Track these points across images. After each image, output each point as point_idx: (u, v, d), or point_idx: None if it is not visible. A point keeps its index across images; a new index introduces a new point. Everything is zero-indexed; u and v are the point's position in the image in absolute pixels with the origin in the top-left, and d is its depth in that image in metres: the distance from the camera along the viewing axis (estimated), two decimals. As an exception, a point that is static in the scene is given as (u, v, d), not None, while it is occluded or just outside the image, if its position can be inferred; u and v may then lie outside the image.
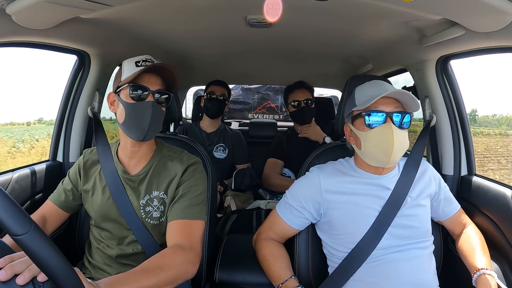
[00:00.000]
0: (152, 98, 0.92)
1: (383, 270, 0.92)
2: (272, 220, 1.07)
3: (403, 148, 0.94)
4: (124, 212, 0.95)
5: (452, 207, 1.07)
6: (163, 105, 0.97)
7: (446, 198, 1.06)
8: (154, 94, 0.92)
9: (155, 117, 0.92)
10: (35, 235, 0.49)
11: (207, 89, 2.01)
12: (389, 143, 0.91)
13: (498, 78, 10.12)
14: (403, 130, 0.94)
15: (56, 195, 1.04)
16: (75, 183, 1.04)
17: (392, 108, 0.94)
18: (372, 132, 0.94)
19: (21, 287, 0.52)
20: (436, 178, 1.05)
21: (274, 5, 1.00)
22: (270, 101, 3.91)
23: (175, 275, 0.79)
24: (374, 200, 0.97)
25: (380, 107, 0.94)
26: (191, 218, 0.92)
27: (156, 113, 0.93)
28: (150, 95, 0.92)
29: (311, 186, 1.02)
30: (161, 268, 0.77)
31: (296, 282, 0.97)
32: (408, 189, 0.98)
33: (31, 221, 0.50)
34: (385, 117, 0.93)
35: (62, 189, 1.04)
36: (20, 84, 5.88)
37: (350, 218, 0.96)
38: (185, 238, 0.87)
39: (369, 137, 0.95)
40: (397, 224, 0.94)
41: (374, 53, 1.59)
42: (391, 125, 0.92)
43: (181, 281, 0.82)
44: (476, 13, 0.85)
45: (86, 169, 1.04)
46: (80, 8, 0.94)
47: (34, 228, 0.49)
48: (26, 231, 0.48)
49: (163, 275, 0.76)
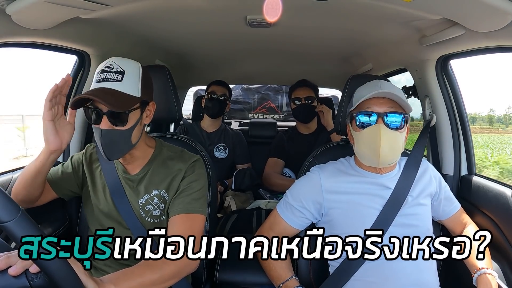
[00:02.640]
0: (105, 121, 0.85)
1: (383, 269, 0.91)
2: (272, 220, 1.07)
3: (394, 149, 0.94)
4: (123, 212, 0.96)
5: (452, 207, 1.07)
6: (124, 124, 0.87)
7: (447, 198, 1.06)
8: (108, 115, 0.85)
9: (109, 144, 0.87)
10: (22, 221, 0.48)
11: (208, 89, 2.01)
12: (376, 144, 0.91)
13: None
14: (396, 130, 0.93)
15: (51, 171, 1.00)
16: (76, 168, 1.02)
17: (385, 108, 0.94)
18: (362, 132, 0.95)
19: (14, 278, 0.52)
20: (437, 177, 1.05)
21: (274, 5, 1.00)
22: (270, 101, 3.91)
23: (179, 268, 0.81)
24: (374, 199, 0.97)
25: (373, 108, 0.94)
26: (193, 212, 0.92)
27: (110, 139, 0.87)
28: (104, 117, 0.85)
29: (311, 186, 1.02)
30: (164, 261, 0.77)
31: (296, 282, 0.97)
32: (409, 188, 0.98)
33: (18, 207, 0.49)
34: (376, 117, 0.93)
35: (61, 170, 1.02)
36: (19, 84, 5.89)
37: (351, 217, 0.96)
38: (187, 232, 0.88)
39: (360, 138, 0.96)
40: (398, 223, 0.94)
41: (374, 53, 1.59)
42: (380, 126, 0.92)
43: (184, 275, 0.84)
44: (476, 13, 0.85)
45: (88, 164, 1.03)
46: (80, 8, 0.94)
47: (21, 215, 0.49)
48: (13, 217, 0.48)
49: (167, 269, 0.77)
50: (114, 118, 0.86)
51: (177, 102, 1.18)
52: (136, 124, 0.91)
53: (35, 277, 0.52)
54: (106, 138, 0.86)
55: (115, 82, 0.86)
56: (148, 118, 0.97)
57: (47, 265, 0.50)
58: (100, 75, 0.87)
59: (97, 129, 0.87)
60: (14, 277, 0.52)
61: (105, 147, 0.87)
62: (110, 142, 0.87)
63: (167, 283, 0.80)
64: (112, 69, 0.87)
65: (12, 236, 0.48)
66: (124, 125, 0.88)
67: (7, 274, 0.52)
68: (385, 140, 0.91)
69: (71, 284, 0.53)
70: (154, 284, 0.75)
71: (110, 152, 0.88)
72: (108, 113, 0.85)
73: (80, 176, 1.03)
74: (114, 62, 0.89)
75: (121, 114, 0.86)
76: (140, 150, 0.98)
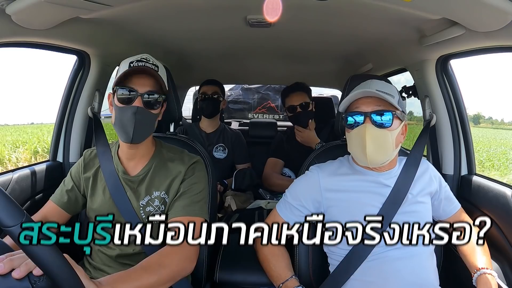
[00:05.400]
0: (139, 101, 0.91)
1: (382, 269, 0.91)
2: (272, 219, 1.07)
3: (382, 148, 0.93)
4: (124, 212, 0.95)
5: (452, 206, 1.07)
6: (154, 107, 0.95)
7: (447, 197, 1.06)
8: (142, 96, 0.91)
9: (140, 122, 0.91)
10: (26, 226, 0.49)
11: (199, 90, 2.01)
12: (362, 144, 0.92)
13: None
14: (384, 129, 0.93)
15: (58, 196, 1.03)
16: (77, 183, 1.03)
17: (372, 107, 0.93)
18: (351, 133, 0.97)
19: (17, 281, 0.52)
20: (437, 177, 1.05)
21: (273, 5, 1.00)
22: (270, 101, 3.92)
23: (174, 272, 0.82)
24: (374, 197, 0.97)
25: (361, 107, 0.94)
26: (192, 215, 0.92)
27: (142, 118, 0.91)
28: (138, 98, 0.91)
29: (310, 185, 1.02)
30: (160, 265, 0.79)
31: (296, 282, 0.97)
32: (409, 186, 0.98)
33: (23, 212, 0.49)
34: (363, 117, 0.93)
35: (64, 190, 1.03)
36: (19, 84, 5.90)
37: (350, 215, 0.95)
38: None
39: (350, 138, 0.98)
40: (397, 221, 0.93)
41: (374, 52, 1.59)
42: (366, 125, 0.92)
43: (179, 278, 0.85)
44: (476, 12, 0.85)
45: (87, 169, 1.03)
46: (80, 8, 0.94)
47: (25, 220, 0.49)
48: (18, 222, 0.48)
49: (164, 272, 0.78)
50: (147, 101, 0.92)
51: (177, 102, 1.18)
52: (159, 113, 0.98)
53: (38, 280, 0.52)
54: (139, 115, 0.90)
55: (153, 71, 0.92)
56: (161, 115, 1.01)
57: (50, 268, 0.50)
58: (138, 63, 0.92)
59: (127, 108, 0.91)
60: (17, 280, 0.52)
61: (136, 125, 0.90)
62: (141, 121, 0.91)
63: (163, 286, 0.80)
64: (149, 61, 0.94)
65: (17, 241, 0.48)
66: (154, 109, 0.95)
67: (10, 277, 0.52)
68: (371, 140, 0.91)
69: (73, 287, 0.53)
70: (151, 286, 0.76)
71: (138, 132, 0.91)
72: (143, 94, 0.91)
73: (82, 187, 1.03)
74: (149, 56, 0.95)
75: (155, 97, 0.93)
76: (146, 146, 1.00)
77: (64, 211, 1.02)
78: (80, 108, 1.42)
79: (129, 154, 0.99)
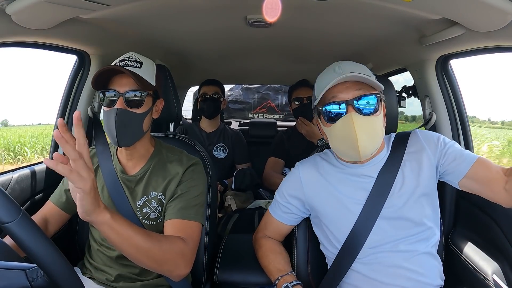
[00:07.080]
0: (121, 101, 0.88)
1: (377, 268, 0.88)
2: (266, 219, 1.08)
3: (373, 137, 0.83)
4: (123, 212, 0.95)
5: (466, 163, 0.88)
6: (139, 106, 0.90)
7: (456, 156, 0.89)
8: (124, 96, 0.88)
9: (122, 124, 0.88)
10: (23, 222, 0.49)
11: (199, 90, 2.01)
12: (352, 137, 0.80)
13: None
14: (371, 115, 0.82)
15: (57, 196, 1.03)
16: None
17: (353, 93, 0.82)
18: (334, 127, 0.84)
19: (15, 278, 0.52)
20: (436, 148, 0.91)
21: (273, 5, 1.00)
22: (270, 100, 3.91)
23: (167, 259, 0.79)
24: (357, 192, 0.90)
25: (339, 96, 0.83)
26: (187, 219, 0.91)
27: (124, 119, 0.88)
28: (120, 98, 0.88)
29: (293, 182, 1.01)
30: (160, 241, 0.78)
31: (295, 278, 0.96)
32: (394, 176, 0.88)
33: (19, 208, 0.50)
34: (345, 106, 0.82)
35: (63, 190, 1.03)
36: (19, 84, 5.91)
37: (335, 211, 0.92)
38: (183, 235, 0.88)
39: (333, 133, 0.86)
40: (385, 216, 0.87)
41: (374, 52, 1.59)
42: (351, 115, 0.81)
43: (167, 269, 0.81)
44: (476, 12, 0.85)
45: None
46: (80, 8, 0.94)
47: (22, 216, 0.49)
48: (14, 218, 0.48)
49: (157, 248, 0.77)
50: (130, 100, 0.89)
51: (177, 102, 1.18)
52: (148, 112, 0.94)
53: (36, 277, 0.53)
54: (120, 117, 0.87)
55: (135, 68, 0.91)
56: (156, 113, 0.99)
57: (48, 264, 0.50)
58: (120, 62, 0.91)
59: (110, 111, 0.89)
60: (15, 277, 0.52)
61: (118, 129, 0.87)
62: (124, 123, 0.88)
63: (147, 261, 0.77)
64: (131, 59, 0.93)
65: (14, 237, 0.48)
66: (139, 108, 0.91)
67: (8, 274, 0.52)
68: (361, 130, 0.80)
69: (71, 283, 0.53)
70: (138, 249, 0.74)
71: (122, 135, 0.88)
72: (125, 94, 0.88)
73: None
74: (132, 54, 0.94)
75: (137, 96, 0.90)
76: (144, 146, 0.99)
77: (63, 211, 1.02)
78: (80, 108, 1.42)
79: (127, 154, 0.99)
